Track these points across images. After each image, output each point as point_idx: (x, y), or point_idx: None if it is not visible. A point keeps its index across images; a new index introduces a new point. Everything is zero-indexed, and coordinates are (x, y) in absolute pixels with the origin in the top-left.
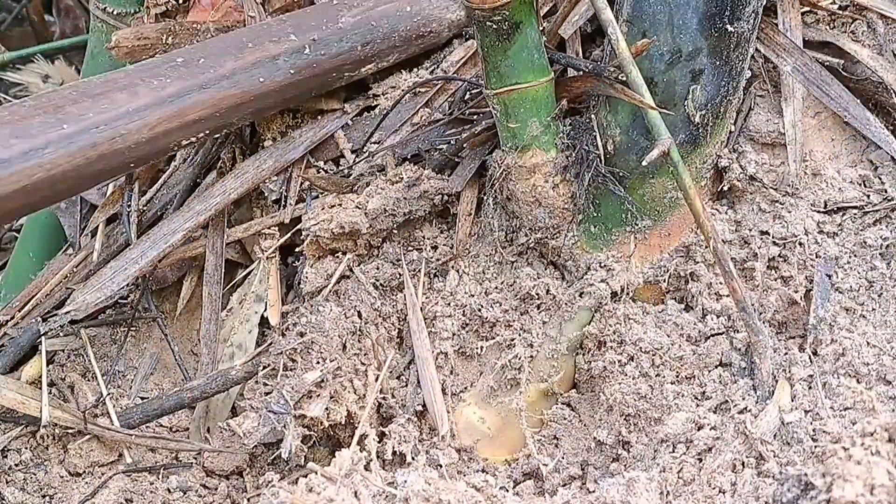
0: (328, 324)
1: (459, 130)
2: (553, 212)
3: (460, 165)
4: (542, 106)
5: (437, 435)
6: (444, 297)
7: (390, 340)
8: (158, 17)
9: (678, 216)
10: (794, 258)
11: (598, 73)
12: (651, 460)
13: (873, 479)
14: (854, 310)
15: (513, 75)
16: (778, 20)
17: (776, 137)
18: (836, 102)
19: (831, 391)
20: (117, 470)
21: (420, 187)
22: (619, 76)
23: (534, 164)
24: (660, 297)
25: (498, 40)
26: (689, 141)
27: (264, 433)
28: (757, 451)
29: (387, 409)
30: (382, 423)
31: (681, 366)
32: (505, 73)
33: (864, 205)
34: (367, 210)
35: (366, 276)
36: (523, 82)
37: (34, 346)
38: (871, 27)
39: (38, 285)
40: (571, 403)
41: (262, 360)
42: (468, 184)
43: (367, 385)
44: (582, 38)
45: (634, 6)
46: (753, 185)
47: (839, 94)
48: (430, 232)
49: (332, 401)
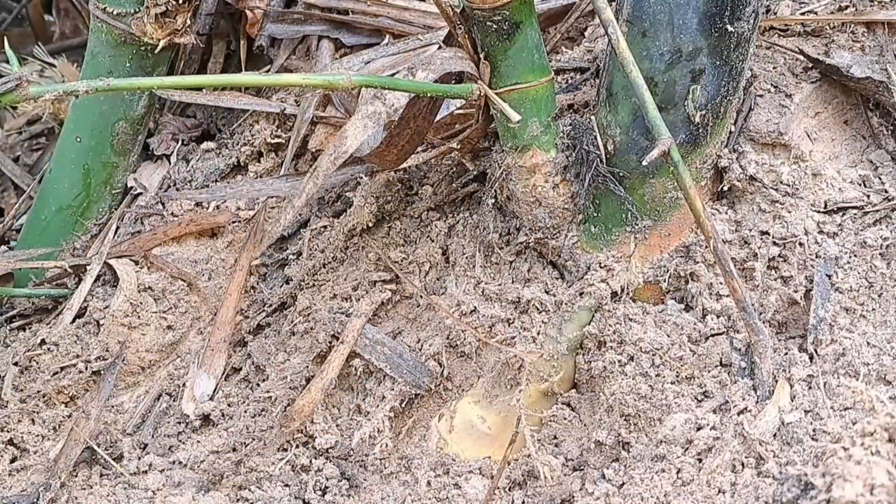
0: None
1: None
2: (553, 212)
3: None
4: (542, 106)
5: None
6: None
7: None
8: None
9: (678, 216)
10: (794, 258)
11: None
12: (651, 461)
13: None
14: (854, 310)
15: (513, 75)
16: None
17: (776, 137)
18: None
19: (831, 391)
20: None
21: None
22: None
23: (534, 164)
24: (660, 297)
25: (498, 40)
26: (689, 141)
27: None
28: (756, 451)
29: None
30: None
31: (681, 366)
32: (505, 73)
33: (864, 205)
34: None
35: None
36: (523, 82)
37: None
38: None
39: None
40: (571, 403)
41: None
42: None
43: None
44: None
45: (634, 6)
46: (753, 185)
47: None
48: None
49: None
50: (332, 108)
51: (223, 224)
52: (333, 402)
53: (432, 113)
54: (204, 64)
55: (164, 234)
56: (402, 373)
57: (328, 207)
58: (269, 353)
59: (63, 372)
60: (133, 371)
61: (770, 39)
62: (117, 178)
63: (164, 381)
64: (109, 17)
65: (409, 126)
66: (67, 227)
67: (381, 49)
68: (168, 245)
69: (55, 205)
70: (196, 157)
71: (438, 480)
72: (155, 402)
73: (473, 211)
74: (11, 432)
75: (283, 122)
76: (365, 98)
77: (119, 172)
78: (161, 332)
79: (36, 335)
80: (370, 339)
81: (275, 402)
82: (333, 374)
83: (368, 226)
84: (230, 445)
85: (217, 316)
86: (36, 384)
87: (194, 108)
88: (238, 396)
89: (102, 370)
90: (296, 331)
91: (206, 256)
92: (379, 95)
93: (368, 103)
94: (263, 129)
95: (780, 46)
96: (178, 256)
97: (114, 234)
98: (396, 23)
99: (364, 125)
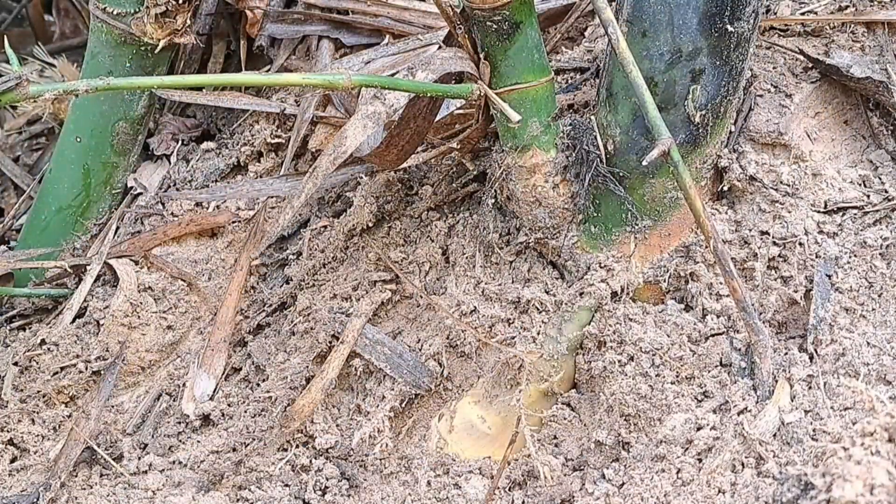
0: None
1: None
2: (553, 212)
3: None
4: (542, 106)
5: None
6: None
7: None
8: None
9: (678, 216)
10: (794, 258)
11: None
12: (651, 461)
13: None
14: (854, 310)
15: (513, 75)
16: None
17: (776, 137)
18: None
19: (831, 391)
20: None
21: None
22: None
23: (534, 164)
24: (660, 297)
25: (498, 40)
26: (689, 141)
27: None
28: (756, 451)
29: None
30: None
31: (681, 366)
32: (505, 73)
33: (864, 205)
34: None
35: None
36: (523, 82)
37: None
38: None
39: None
40: (571, 403)
41: None
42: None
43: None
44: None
45: (634, 6)
46: (753, 185)
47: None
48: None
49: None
50: (332, 108)
51: (223, 224)
52: (333, 402)
53: (432, 113)
54: (204, 64)
55: (164, 234)
56: (402, 373)
57: (328, 207)
58: (269, 353)
59: (63, 372)
60: (133, 371)
61: (770, 39)
62: (117, 178)
63: (164, 381)
64: (109, 17)
65: (409, 126)
66: (67, 227)
67: (381, 49)
68: (168, 245)
69: (55, 205)
70: (196, 157)
71: (438, 480)
72: (155, 402)
73: (473, 211)
74: (11, 432)
75: (283, 122)
76: (365, 98)
77: (119, 172)
78: (161, 332)
79: (36, 335)
80: (370, 339)
81: (275, 402)
82: (333, 374)
83: (368, 226)
84: (230, 445)
85: (217, 316)
86: (36, 384)
87: (194, 108)
88: (238, 396)
89: (102, 370)
90: (296, 331)
91: (206, 256)
92: (379, 95)
93: (368, 103)
94: (263, 129)
95: (780, 46)
96: (178, 256)
97: (114, 234)
98: (396, 23)
99: (364, 125)
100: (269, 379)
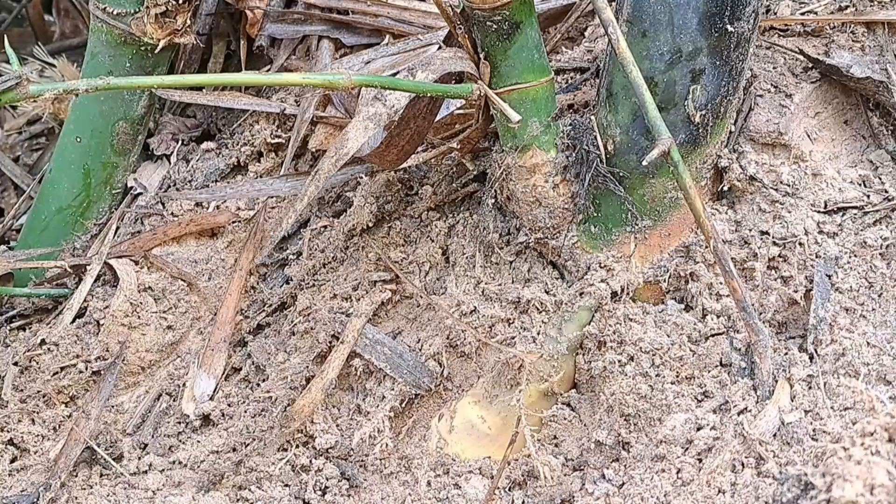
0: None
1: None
2: (553, 212)
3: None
4: (542, 106)
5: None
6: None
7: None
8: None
9: (678, 216)
10: (794, 258)
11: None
12: (651, 461)
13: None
14: (854, 310)
15: (513, 75)
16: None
17: (776, 137)
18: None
19: (831, 391)
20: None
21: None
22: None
23: (534, 164)
24: (660, 297)
25: (498, 40)
26: (689, 141)
27: None
28: (756, 451)
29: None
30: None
31: (681, 366)
32: (505, 73)
33: (864, 205)
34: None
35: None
36: (523, 82)
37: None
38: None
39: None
40: (571, 403)
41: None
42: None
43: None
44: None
45: (634, 6)
46: (753, 185)
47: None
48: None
49: None
50: (332, 108)
51: (223, 224)
52: (333, 402)
53: (432, 113)
54: (204, 64)
55: (164, 234)
56: (402, 373)
57: (328, 207)
58: (269, 353)
59: (63, 372)
60: (133, 371)
61: (770, 39)
62: (117, 178)
63: (164, 381)
64: (109, 17)
65: (410, 126)
66: (67, 227)
67: (381, 49)
68: (168, 245)
69: (55, 205)
70: (196, 157)
71: (438, 480)
72: (155, 402)
73: (473, 211)
74: (11, 432)
75: (283, 122)
76: (365, 99)
77: (119, 172)
78: (161, 332)
79: (36, 335)
80: (370, 339)
81: (275, 402)
82: (333, 374)
83: (368, 226)
84: (230, 445)
85: (217, 316)
86: (36, 384)
87: (194, 108)
88: (238, 396)
89: (102, 370)
90: (296, 331)
91: (206, 256)
92: (379, 96)
93: (369, 105)
94: (263, 129)
95: (780, 46)
96: (178, 256)
97: (114, 234)
98: (396, 23)
99: (365, 127)
100: (269, 379)
